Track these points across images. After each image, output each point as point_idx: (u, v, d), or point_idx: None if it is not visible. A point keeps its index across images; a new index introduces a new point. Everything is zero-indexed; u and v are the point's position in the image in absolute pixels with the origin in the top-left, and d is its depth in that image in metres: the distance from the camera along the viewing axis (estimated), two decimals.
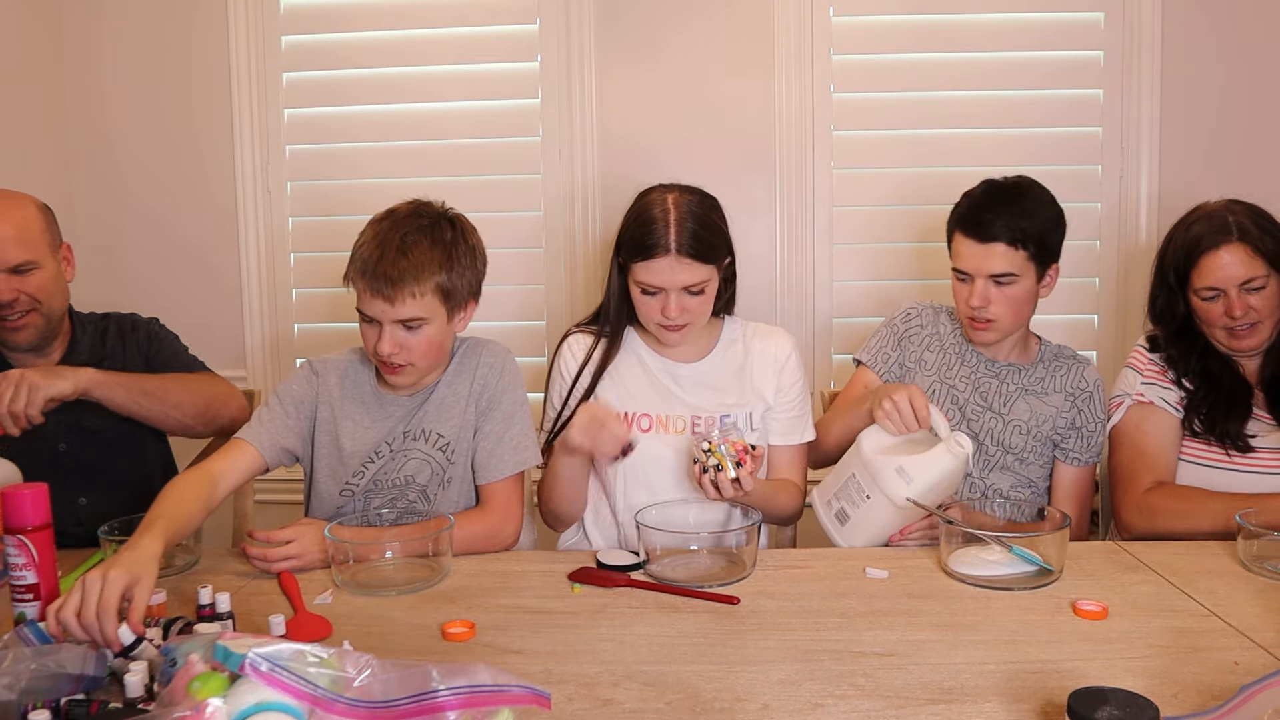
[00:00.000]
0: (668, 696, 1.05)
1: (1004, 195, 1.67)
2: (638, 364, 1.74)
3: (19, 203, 1.67)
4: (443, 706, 0.80)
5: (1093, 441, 1.74)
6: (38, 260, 1.65)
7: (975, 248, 1.65)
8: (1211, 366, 1.69)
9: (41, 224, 1.68)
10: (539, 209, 2.42)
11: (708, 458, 1.50)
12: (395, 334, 1.50)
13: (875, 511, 1.53)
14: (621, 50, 2.38)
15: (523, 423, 1.65)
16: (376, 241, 1.50)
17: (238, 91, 2.43)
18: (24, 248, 1.63)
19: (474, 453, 1.63)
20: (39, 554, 1.21)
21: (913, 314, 1.85)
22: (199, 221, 2.49)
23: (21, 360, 1.72)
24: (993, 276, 1.65)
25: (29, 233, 1.65)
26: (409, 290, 1.48)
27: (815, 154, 2.37)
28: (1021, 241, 1.63)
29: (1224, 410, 1.65)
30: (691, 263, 1.59)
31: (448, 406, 1.63)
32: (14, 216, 1.64)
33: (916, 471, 1.49)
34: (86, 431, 1.71)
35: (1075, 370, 1.76)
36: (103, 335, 1.81)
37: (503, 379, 1.65)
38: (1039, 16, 2.31)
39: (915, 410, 1.53)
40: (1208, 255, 1.63)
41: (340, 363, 1.67)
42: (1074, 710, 0.84)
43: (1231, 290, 1.62)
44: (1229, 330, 1.65)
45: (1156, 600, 1.30)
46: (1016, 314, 1.69)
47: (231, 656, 0.79)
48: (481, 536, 1.57)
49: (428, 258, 1.50)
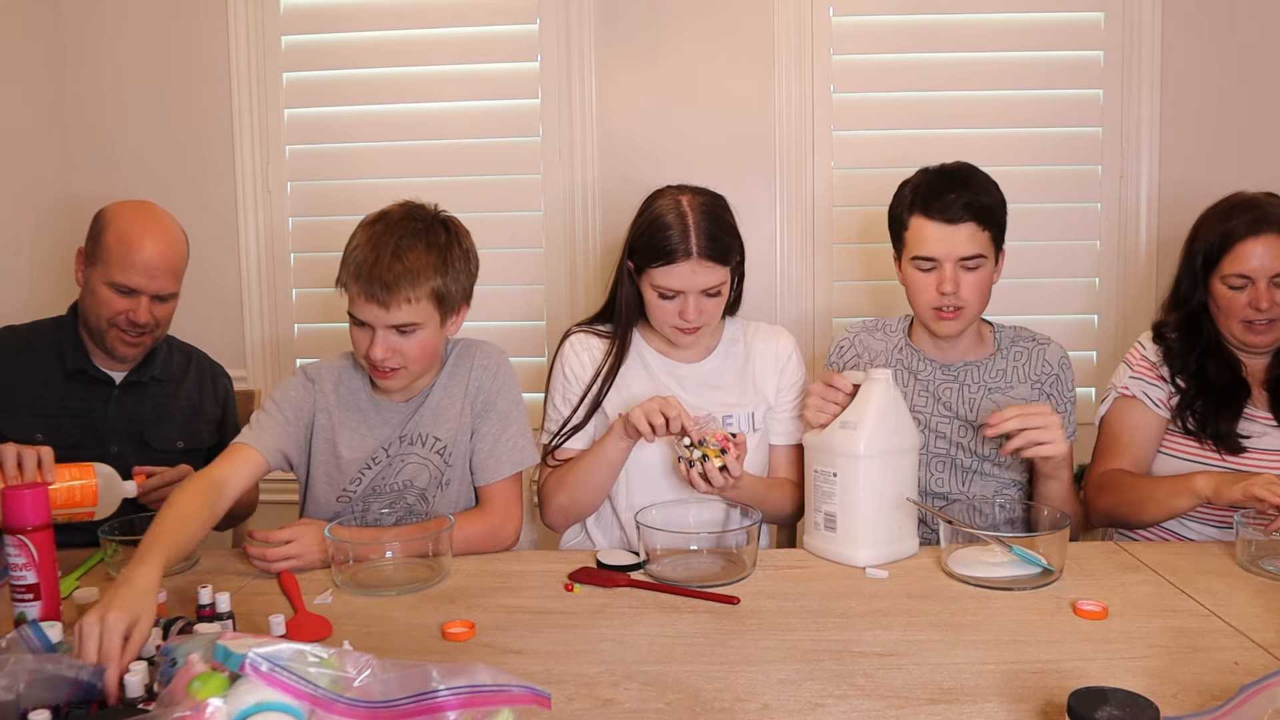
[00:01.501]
0: (668, 696, 1.05)
1: (959, 176, 1.63)
2: (640, 365, 1.74)
3: (177, 231, 1.74)
4: (443, 706, 0.80)
5: (1071, 416, 1.70)
6: (177, 292, 1.73)
7: (943, 230, 1.60)
8: (1209, 366, 1.68)
9: (187, 257, 1.76)
10: (539, 209, 2.42)
11: (691, 452, 1.50)
12: (388, 339, 1.49)
13: (851, 484, 1.44)
14: (621, 50, 2.38)
15: (519, 423, 1.65)
16: (371, 245, 1.48)
17: (238, 91, 2.43)
18: (174, 278, 1.71)
19: (471, 454, 1.63)
20: (39, 554, 1.21)
21: (844, 346, 1.81)
22: (199, 221, 2.47)
23: (103, 361, 1.76)
24: (961, 260, 1.60)
25: (180, 263, 1.73)
26: (404, 296, 1.46)
27: (815, 154, 2.37)
28: (986, 221, 1.60)
29: (1214, 410, 1.65)
30: (712, 265, 1.59)
31: (443, 410, 1.62)
32: (175, 247, 1.72)
33: (855, 415, 1.45)
34: (145, 444, 1.75)
35: (1037, 354, 1.71)
36: (180, 362, 1.86)
37: (497, 380, 1.64)
38: (1039, 16, 2.31)
39: (833, 383, 1.50)
40: (1245, 242, 1.60)
41: (334, 369, 1.65)
42: (1074, 710, 0.84)
43: (1262, 281, 1.60)
44: (1248, 324, 1.63)
45: (1156, 600, 1.30)
46: (982, 299, 1.65)
47: (231, 656, 0.79)
48: (482, 537, 1.56)
49: (423, 262, 1.48)
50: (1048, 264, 2.37)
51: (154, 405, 1.78)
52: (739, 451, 1.50)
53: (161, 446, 1.76)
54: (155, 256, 1.67)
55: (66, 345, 1.74)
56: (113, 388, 1.75)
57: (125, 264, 1.65)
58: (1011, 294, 2.17)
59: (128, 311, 1.67)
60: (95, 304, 1.69)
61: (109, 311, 1.67)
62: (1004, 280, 2.02)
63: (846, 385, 1.49)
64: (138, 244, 1.66)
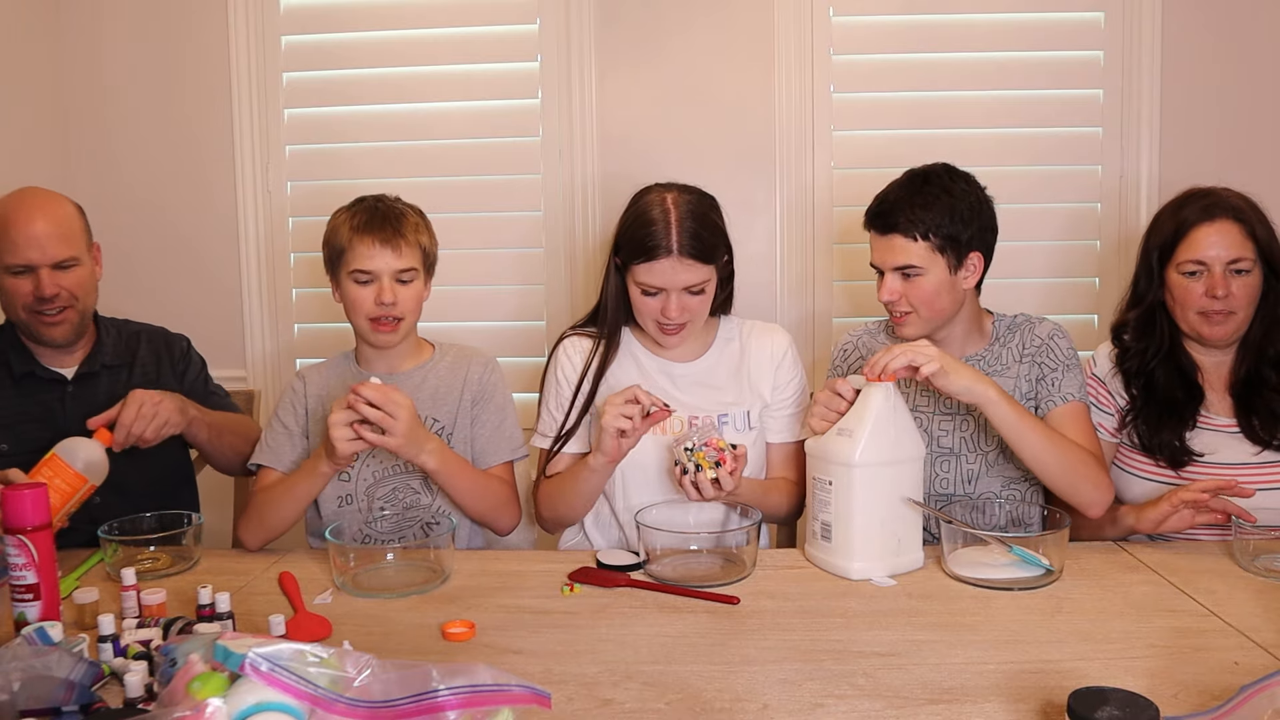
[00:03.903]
0: (668, 696, 1.05)
1: (909, 186, 1.63)
2: (634, 365, 1.74)
3: (59, 201, 1.71)
4: (443, 706, 0.80)
5: (1071, 377, 1.63)
6: (78, 257, 1.70)
7: (877, 240, 1.64)
8: (1159, 372, 1.66)
9: (81, 223, 1.74)
10: (539, 209, 2.42)
11: (688, 458, 1.50)
12: (394, 286, 1.63)
13: (845, 493, 1.42)
14: (621, 50, 2.38)
15: (513, 419, 1.76)
16: (367, 211, 1.65)
17: (238, 91, 2.43)
18: (66, 244, 1.68)
19: (474, 440, 1.71)
20: (39, 554, 1.22)
21: (847, 348, 1.81)
22: (199, 221, 2.49)
23: (48, 359, 1.75)
24: (898, 269, 1.62)
25: (71, 230, 1.70)
26: (408, 239, 1.64)
27: (815, 154, 2.37)
28: (922, 233, 1.58)
29: (1157, 421, 1.62)
30: (693, 263, 1.59)
31: (442, 394, 1.71)
32: (57, 214, 1.68)
33: (852, 422, 1.43)
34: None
35: (1027, 331, 1.69)
36: (129, 343, 1.84)
37: (493, 375, 1.76)
38: (1039, 16, 2.31)
39: (838, 389, 1.48)
40: (1198, 228, 1.60)
41: (323, 365, 1.79)
42: (1074, 710, 0.84)
43: (1217, 268, 1.58)
44: (1204, 315, 1.60)
45: (1156, 600, 1.30)
46: (931, 306, 1.62)
47: (231, 656, 0.79)
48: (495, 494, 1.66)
49: (413, 220, 1.67)
50: (1048, 264, 2.37)
51: (110, 391, 1.75)
52: (736, 465, 1.49)
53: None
54: (38, 227, 1.64)
55: (10, 352, 1.73)
56: (66, 384, 1.74)
57: (11, 244, 1.64)
58: (1011, 294, 2.17)
59: (35, 290, 1.65)
60: (6, 298, 1.68)
61: (20, 298, 1.67)
62: (1004, 280, 2.03)
63: (849, 391, 1.48)
64: (17, 221, 1.64)
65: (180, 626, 1.19)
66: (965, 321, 1.70)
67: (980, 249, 1.63)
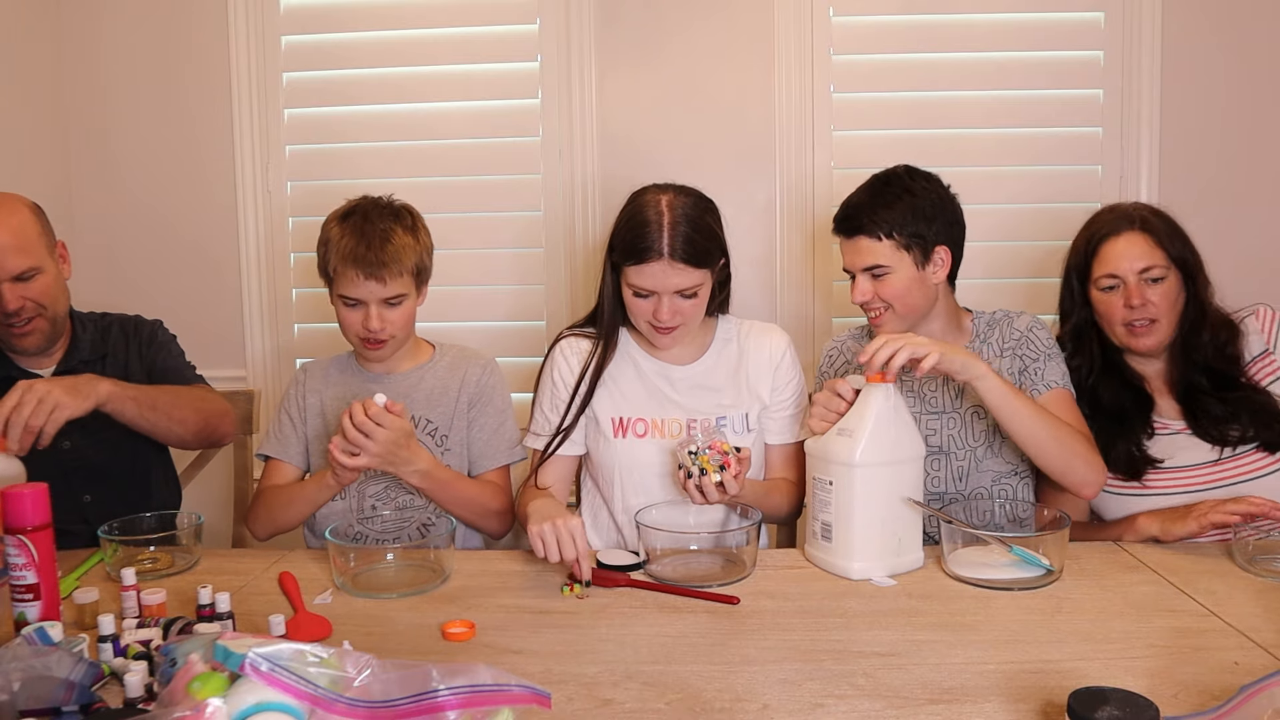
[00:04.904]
0: (668, 696, 1.05)
1: (871, 189, 1.66)
2: (632, 367, 1.73)
3: (12, 208, 1.65)
4: (443, 706, 0.80)
5: (1054, 366, 1.65)
6: (39, 265, 1.64)
7: (845, 244, 1.67)
8: (1101, 389, 1.68)
9: (37, 227, 1.67)
10: (539, 209, 2.42)
11: (692, 461, 1.49)
12: (381, 311, 1.65)
13: (845, 493, 1.42)
14: (621, 50, 2.38)
15: (511, 422, 1.77)
16: (355, 234, 1.63)
17: (238, 91, 2.43)
18: (24, 255, 1.62)
19: (471, 444, 1.73)
20: (39, 554, 1.22)
21: (832, 354, 1.83)
22: (199, 221, 2.49)
23: (26, 362, 1.72)
24: (867, 270, 1.64)
25: (27, 239, 1.63)
26: (396, 270, 1.62)
27: (815, 154, 2.37)
28: (885, 232, 1.61)
29: (1108, 435, 1.63)
30: (684, 267, 1.57)
31: (437, 396, 1.73)
32: (10, 224, 1.62)
33: (852, 422, 1.44)
34: (89, 430, 1.70)
35: (1006, 325, 1.71)
36: (104, 334, 1.82)
37: (492, 378, 1.77)
38: (1039, 16, 2.31)
39: (837, 389, 1.49)
40: (1108, 242, 1.64)
41: (324, 362, 1.82)
42: (1074, 710, 0.84)
43: (1130, 278, 1.61)
44: (1129, 327, 1.63)
45: (1156, 600, 1.30)
46: (903, 301, 1.64)
47: (231, 656, 0.79)
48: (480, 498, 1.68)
49: (404, 242, 1.65)
50: (1048, 264, 2.35)
51: None
52: (740, 469, 1.49)
53: (109, 423, 1.67)
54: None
55: None
56: None
57: None
58: (1011, 294, 2.17)
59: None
60: None
61: None
62: (1004, 280, 2.03)
63: (849, 391, 1.48)
64: None
65: (180, 626, 1.19)
66: (943, 318, 1.71)
67: (946, 243, 1.65)
